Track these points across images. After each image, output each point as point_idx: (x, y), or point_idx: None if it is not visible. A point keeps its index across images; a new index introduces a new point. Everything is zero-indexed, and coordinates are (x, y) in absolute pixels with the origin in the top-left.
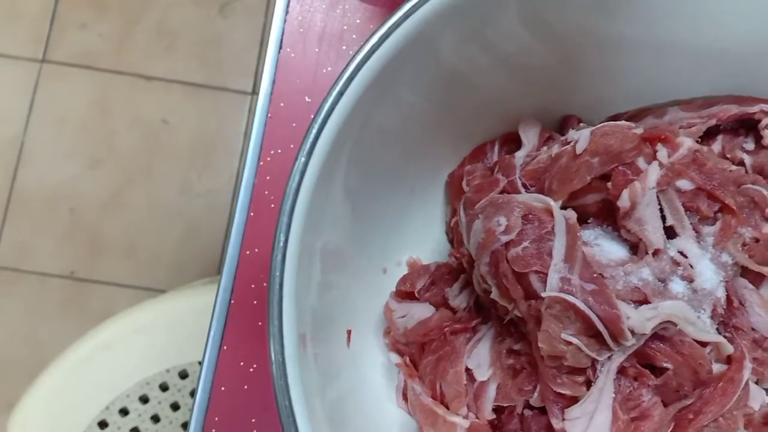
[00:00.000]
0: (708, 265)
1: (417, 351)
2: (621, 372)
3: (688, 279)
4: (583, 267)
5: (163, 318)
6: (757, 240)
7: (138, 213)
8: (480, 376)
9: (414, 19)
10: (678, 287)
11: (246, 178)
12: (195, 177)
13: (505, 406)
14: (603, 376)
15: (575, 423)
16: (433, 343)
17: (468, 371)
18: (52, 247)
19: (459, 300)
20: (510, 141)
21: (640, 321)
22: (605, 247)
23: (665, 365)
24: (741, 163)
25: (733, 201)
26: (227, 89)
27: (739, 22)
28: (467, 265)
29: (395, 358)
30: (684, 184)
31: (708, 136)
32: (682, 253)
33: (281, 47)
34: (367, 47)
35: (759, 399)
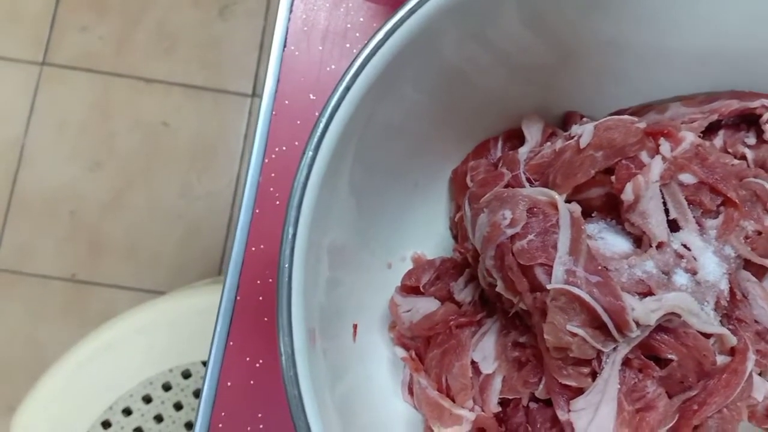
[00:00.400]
0: (711, 258)
1: (422, 345)
2: (626, 364)
3: (691, 271)
4: (588, 260)
5: (165, 318)
6: (760, 233)
7: (138, 215)
8: (485, 369)
9: (418, 16)
10: (682, 279)
11: (251, 175)
12: (195, 179)
13: (511, 398)
14: (608, 367)
15: (580, 414)
16: (439, 337)
17: (473, 364)
18: (52, 250)
19: (464, 294)
20: (513, 137)
21: (644, 312)
22: (609, 241)
23: (669, 357)
24: (743, 158)
25: (736, 194)
26: (227, 91)
27: (737, 21)
28: (472, 260)
29: (401, 352)
30: (687, 177)
31: (710, 131)
32: (685, 246)
33: (285, 45)
34: (373, 43)
35: (762, 390)
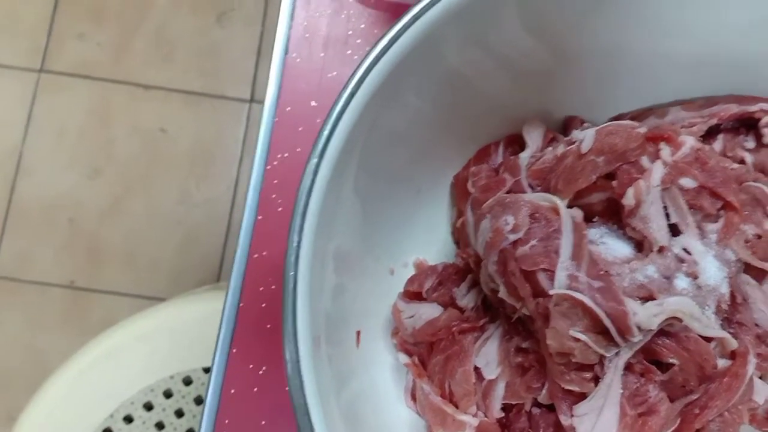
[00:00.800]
0: (712, 262)
1: (425, 351)
2: (628, 368)
3: (692, 276)
4: (590, 265)
5: (165, 325)
6: (760, 236)
7: (137, 222)
8: (488, 374)
9: (421, 23)
10: (683, 284)
11: (253, 182)
12: (194, 185)
13: (514, 404)
14: (611, 372)
15: (583, 419)
16: (442, 343)
17: (476, 370)
18: (51, 257)
19: (467, 300)
20: (514, 142)
21: (646, 317)
22: (611, 245)
23: (671, 361)
24: (742, 162)
25: (736, 198)
26: (225, 97)
27: (736, 25)
28: (474, 265)
29: (404, 358)
30: (687, 182)
31: (709, 135)
32: (686, 250)
33: (287, 52)
34: (377, 50)
35: (763, 393)
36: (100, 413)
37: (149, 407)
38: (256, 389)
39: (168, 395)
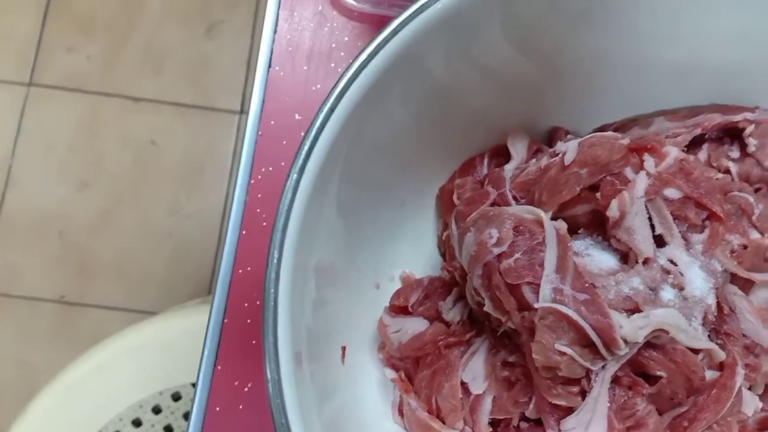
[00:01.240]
0: (698, 273)
1: (412, 365)
2: (615, 381)
3: (678, 287)
4: (575, 277)
5: (155, 340)
6: (746, 246)
7: (127, 235)
8: (475, 389)
9: (401, 36)
10: (669, 295)
11: (237, 196)
12: (184, 197)
13: (501, 418)
14: (597, 385)
15: None
16: (428, 357)
17: (463, 384)
18: (41, 271)
19: (452, 313)
20: (499, 154)
21: (632, 330)
22: (596, 257)
23: (659, 373)
24: (727, 171)
25: (721, 209)
26: (215, 109)
27: (718, 35)
28: (460, 278)
29: (390, 373)
30: (672, 192)
31: (693, 145)
32: (671, 261)
33: (270, 66)
34: (357, 64)
35: (752, 405)
36: (88, 429)
37: (138, 423)
38: (241, 406)
39: (157, 411)
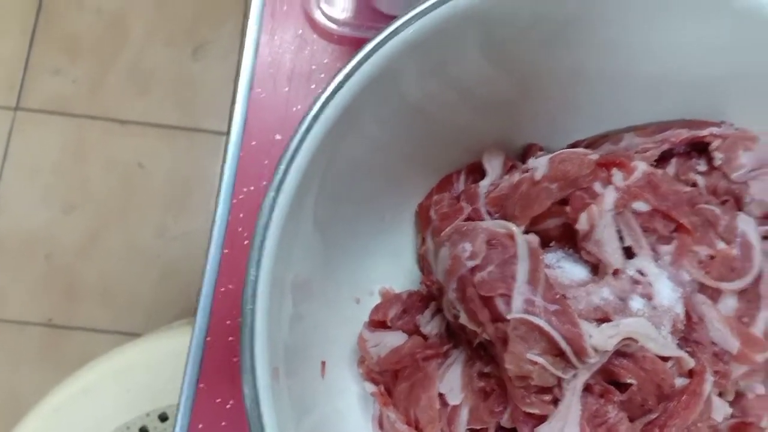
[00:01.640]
0: (666, 283)
1: (391, 379)
2: (587, 389)
3: (647, 297)
4: (546, 289)
5: (141, 361)
6: (713, 257)
7: (115, 257)
8: (452, 400)
9: (376, 58)
10: (638, 305)
11: (219, 215)
12: (171, 219)
13: (478, 428)
14: (569, 393)
15: None
16: (406, 370)
17: (441, 396)
18: (28, 295)
19: (430, 327)
20: (475, 171)
21: (602, 339)
22: (567, 269)
23: (629, 381)
24: (694, 185)
25: (688, 220)
26: (202, 130)
27: (687, 52)
28: (437, 292)
29: (370, 387)
30: (640, 206)
31: (663, 160)
32: (640, 272)
33: (252, 87)
34: (333, 85)
35: (722, 411)
36: None
37: None
38: (223, 423)
39: None
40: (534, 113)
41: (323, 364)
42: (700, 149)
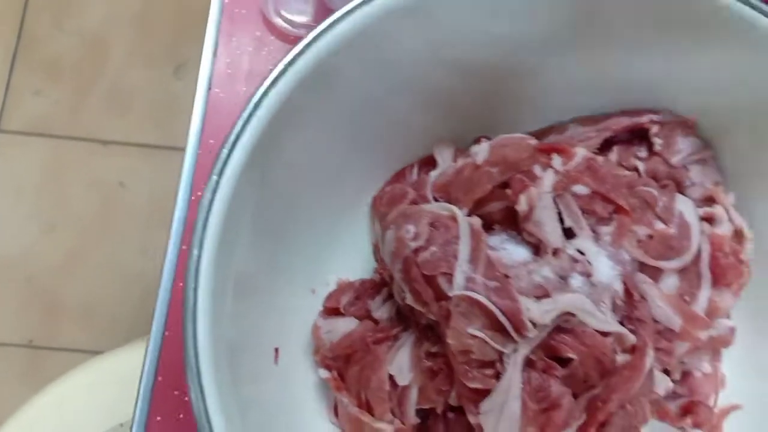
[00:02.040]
0: (605, 261)
1: (343, 364)
2: (530, 365)
3: (586, 274)
4: (487, 267)
5: (115, 373)
6: (651, 236)
7: (97, 277)
8: (401, 381)
9: (312, 52)
10: (577, 282)
11: (178, 213)
12: (153, 238)
13: (431, 409)
14: (511, 368)
15: (488, 416)
16: (357, 354)
17: (391, 378)
18: (8, 316)
19: (381, 311)
20: (428, 163)
21: (539, 313)
22: (511, 251)
23: (570, 356)
24: (635, 170)
25: (626, 202)
26: (183, 149)
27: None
28: (389, 278)
29: (324, 373)
30: (580, 189)
31: (606, 147)
32: (580, 251)
33: (210, 88)
34: (277, 71)
35: (663, 385)
36: None
37: None
38: (181, 415)
39: None
40: (481, 108)
41: (276, 350)
42: (641, 137)
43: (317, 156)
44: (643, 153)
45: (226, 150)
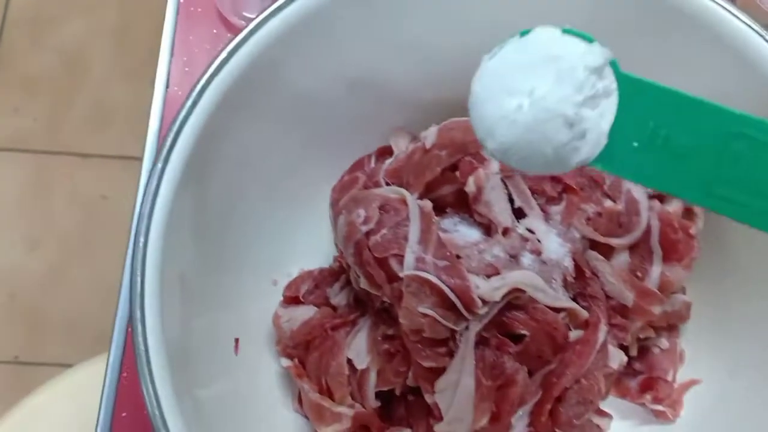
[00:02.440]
0: (554, 239)
1: (303, 352)
2: (484, 343)
3: (536, 252)
4: (437, 247)
5: (93, 380)
6: (600, 214)
7: (81, 291)
8: (359, 364)
9: (253, 42)
10: (527, 261)
11: (138, 209)
12: None
13: (392, 393)
14: (463, 345)
15: (444, 394)
16: (316, 341)
17: (349, 362)
18: None
19: (339, 298)
20: (386, 153)
21: (489, 290)
22: (463, 232)
23: (523, 332)
24: None
25: (574, 181)
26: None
27: None
28: (346, 265)
29: (285, 362)
30: None
31: None
32: (530, 230)
33: (168, 86)
34: (217, 61)
35: (617, 359)
36: None
37: None
38: (146, 411)
39: None
40: (438, 97)
41: (236, 341)
42: None
43: (268, 148)
44: None
45: (171, 136)
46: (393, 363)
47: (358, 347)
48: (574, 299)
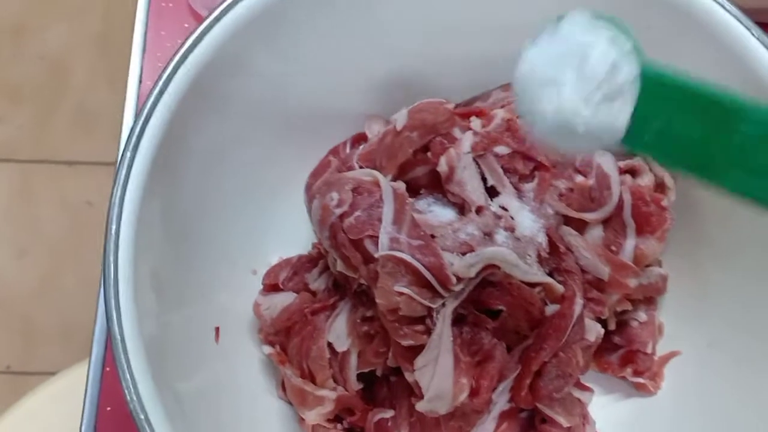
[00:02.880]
0: (528, 216)
1: (284, 337)
2: (461, 320)
3: (510, 229)
4: (411, 227)
5: (83, 384)
6: (572, 189)
7: (70, 298)
8: (340, 347)
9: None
10: (501, 237)
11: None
12: None
13: (374, 375)
14: (440, 322)
15: (423, 372)
16: (297, 326)
17: (330, 346)
18: None
19: (318, 283)
20: (361, 139)
21: (463, 266)
22: (437, 212)
23: (499, 308)
24: None
25: (546, 158)
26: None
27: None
28: (324, 251)
29: (267, 349)
30: (501, 149)
31: None
32: (503, 208)
33: (141, 81)
34: (183, 50)
35: (594, 332)
36: None
37: None
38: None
39: None
40: (409, 83)
41: (217, 329)
42: None
43: (242, 138)
44: None
45: (139, 124)
46: (373, 344)
47: (338, 330)
48: (550, 274)
